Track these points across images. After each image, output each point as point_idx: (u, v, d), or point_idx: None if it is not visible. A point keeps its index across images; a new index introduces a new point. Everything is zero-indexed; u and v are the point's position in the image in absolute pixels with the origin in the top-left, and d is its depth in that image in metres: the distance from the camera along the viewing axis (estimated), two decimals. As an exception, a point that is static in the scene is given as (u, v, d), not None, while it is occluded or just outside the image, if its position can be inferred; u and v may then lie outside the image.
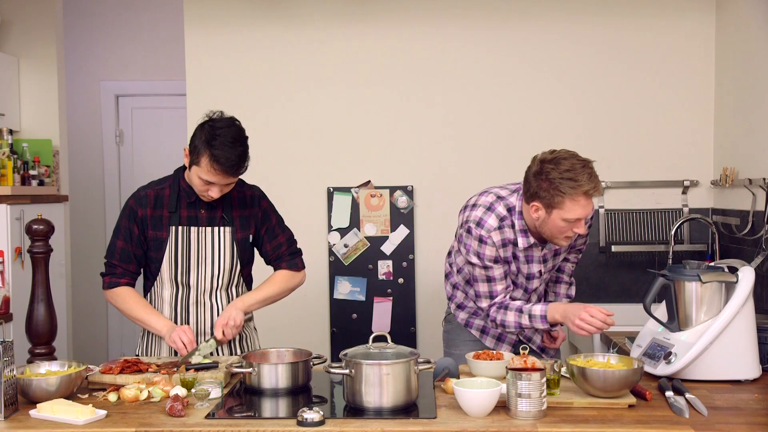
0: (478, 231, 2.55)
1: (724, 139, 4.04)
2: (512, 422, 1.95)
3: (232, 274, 2.71)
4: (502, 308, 2.60)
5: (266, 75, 4.27)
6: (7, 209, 3.98)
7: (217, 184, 2.54)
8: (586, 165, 2.40)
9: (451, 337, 2.87)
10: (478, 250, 2.56)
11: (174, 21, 5.19)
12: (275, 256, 2.78)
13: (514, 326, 2.58)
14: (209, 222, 2.67)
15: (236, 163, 2.50)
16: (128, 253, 2.66)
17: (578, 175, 2.37)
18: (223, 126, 2.53)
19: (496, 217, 2.56)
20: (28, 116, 4.73)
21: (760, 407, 2.09)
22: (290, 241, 2.82)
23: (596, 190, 2.40)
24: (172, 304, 2.69)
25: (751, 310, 2.34)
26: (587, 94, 4.20)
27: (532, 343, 2.81)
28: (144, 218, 2.65)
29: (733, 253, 3.79)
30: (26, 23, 4.70)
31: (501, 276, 2.60)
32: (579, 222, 2.45)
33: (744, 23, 3.79)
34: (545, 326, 2.55)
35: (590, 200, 2.42)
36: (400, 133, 4.25)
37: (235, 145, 2.50)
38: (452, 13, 4.22)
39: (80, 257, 5.53)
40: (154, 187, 2.70)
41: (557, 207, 2.41)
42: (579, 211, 2.41)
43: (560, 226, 2.44)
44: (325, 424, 1.96)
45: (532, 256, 2.62)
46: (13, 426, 2.00)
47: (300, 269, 2.82)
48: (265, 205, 2.78)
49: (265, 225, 2.76)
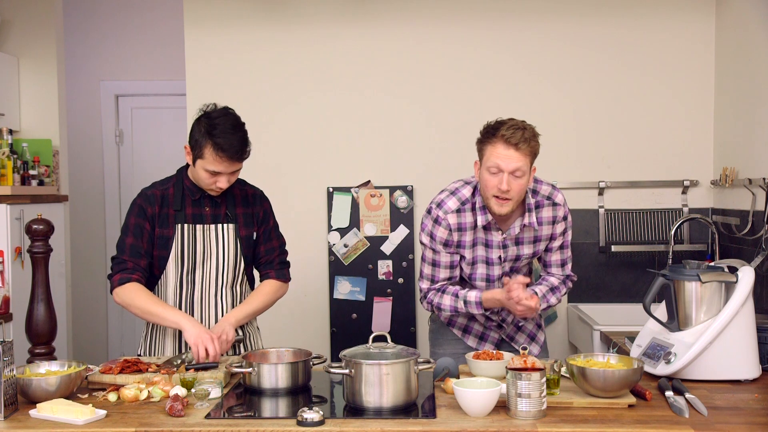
0: (436, 211, 2.61)
1: (723, 139, 4.04)
2: (512, 422, 1.95)
3: (237, 271, 2.71)
4: (439, 292, 2.67)
5: (266, 75, 4.27)
6: (7, 209, 3.98)
7: (223, 174, 2.56)
8: (516, 122, 2.47)
9: (436, 337, 2.88)
10: (432, 230, 2.61)
11: (174, 21, 5.19)
12: (266, 260, 2.78)
13: (450, 309, 2.66)
14: (213, 219, 2.69)
15: (239, 148, 2.54)
16: (139, 248, 2.64)
17: (500, 124, 2.47)
18: (219, 115, 2.57)
19: (458, 200, 2.60)
20: (27, 116, 4.73)
21: (759, 407, 2.09)
22: (282, 249, 2.83)
23: (515, 137, 2.42)
24: (176, 302, 2.69)
25: (750, 310, 2.34)
26: (587, 94, 4.21)
27: (514, 342, 2.81)
28: (153, 216, 2.67)
29: (732, 253, 3.79)
30: (26, 23, 4.70)
31: (447, 264, 2.65)
32: (501, 175, 2.44)
33: (744, 23, 3.79)
34: (480, 311, 2.61)
35: (512, 150, 2.42)
36: (400, 133, 4.25)
37: (236, 131, 2.54)
38: (452, 13, 4.22)
39: (80, 257, 5.53)
40: (158, 187, 2.72)
41: (483, 158, 2.49)
42: (496, 158, 2.43)
43: (485, 179, 2.48)
44: (324, 424, 1.96)
45: (491, 241, 2.63)
46: (13, 426, 2.00)
47: (287, 281, 2.82)
48: (267, 206, 2.81)
49: (263, 226, 2.78)
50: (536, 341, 2.85)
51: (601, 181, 4.18)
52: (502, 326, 2.78)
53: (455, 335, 2.83)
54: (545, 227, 2.65)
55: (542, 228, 2.64)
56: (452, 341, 2.82)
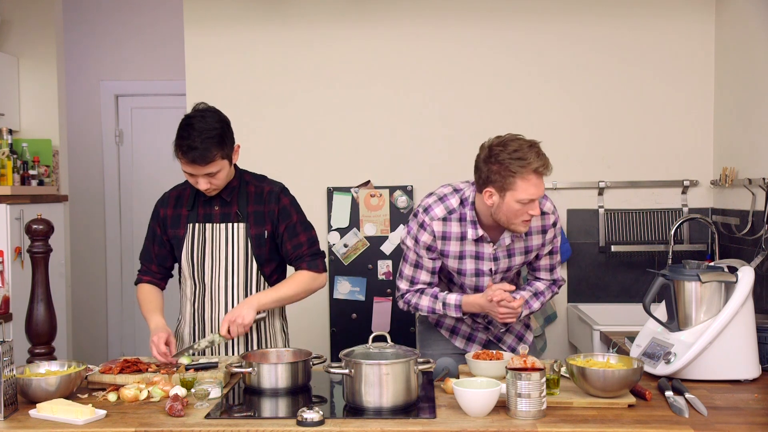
0: (422, 216, 2.60)
1: (723, 139, 4.04)
2: (512, 422, 1.95)
3: (249, 271, 2.69)
4: (418, 293, 2.67)
5: (266, 75, 4.27)
6: (6, 209, 3.98)
7: (198, 176, 2.55)
8: (533, 145, 2.43)
9: (424, 337, 2.87)
10: (417, 234, 2.60)
11: (174, 21, 5.19)
12: (295, 255, 2.71)
13: (427, 310, 2.66)
14: (223, 218, 2.68)
15: (201, 153, 2.48)
16: (150, 252, 2.77)
17: (527, 154, 2.40)
18: (190, 116, 2.56)
19: (445, 209, 2.58)
20: (27, 116, 4.73)
21: (759, 407, 2.09)
22: (311, 241, 2.74)
23: (546, 167, 2.42)
24: (192, 301, 2.73)
25: (750, 310, 2.34)
26: (587, 93, 4.21)
27: (502, 344, 2.81)
28: (165, 218, 2.73)
29: (732, 253, 3.79)
30: (26, 23, 4.70)
31: (429, 269, 2.63)
32: (533, 203, 2.45)
33: (744, 23, 3.79)
34: (458, 314, 2.61)
35: (541, 179, 2.43)
36: (399, 133, 4.25)
37: (202, 134, 2.49)
38: (452, 13, 4.22)
39: (80, 257, 5.53)
40: (178, 188, 2.78)
41: (510, 189, 2.42)
42: (531, 190, 2.42)
43: (515, 209, 2.45)
44: (324, 424, 1.96)
45: (482, 253, 2.61)
46: (13, 426, 2.00)
47: (321, 271, 2.72)
48: (285, 201, 2.72)
49: (285, 222, 2.69)
50: (524, 341, 2.85)
51: (601, 181, 4.18)
52: (489, 328, 2.78)
53: (443, 336, 2.82)
54: (535, 237, 2.64)
55: (532, 238, 2.64)
56: (440, 342, 2.82)
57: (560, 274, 2.78)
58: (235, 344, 2.72)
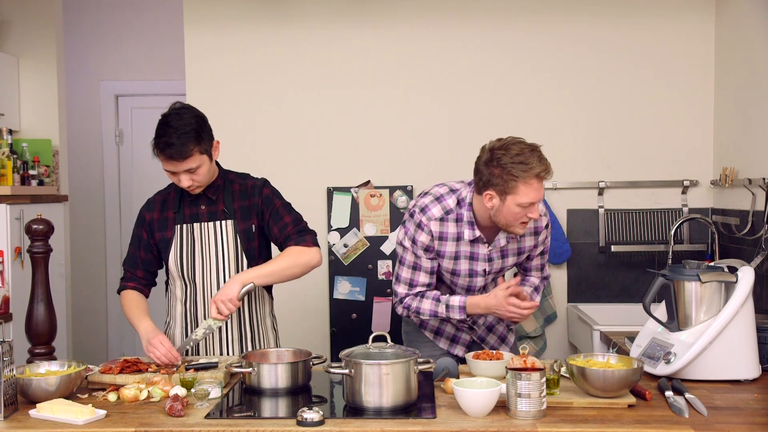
0: (419, 216, 2.57)
1: (723, 139, 4.04)
2: (512, 422, 1.95)
3: (239, 268, 2.68)
4: (418, 296, 2.63)
5: (266, 75, 4.27)
6: (6, 209, 3.98)
7: (179, 173, 2.56)
8: (534, 149, 2.43)
9: (410, 339, 2.87)
10: (414, 235, 2.58)
11: (174, 21, 5.19)
12: (283, 237, 2.68)
13: (429, 314, 2.62)
14: (210, 217, 2.69)
15: (179, 149, 2.50)
16: (136, 258, 2.75)
17: (528, 158, 2.40)
18: (168, 115, 2.57)
19: (442, 209, 2.57)
20: (27, 116, 4.73)
21: (759, 407, 2.09)
22: (297, 220, 2.72)
23: (547, 172, 2.43)
24: (183, 301, 2.72)
25: (750, 310, 2.34)
26: (587, 94, 4.21)
27: (485, 344, 2.81)
28: (151, 222, 2.72)
29: (732, 253, 3.79)
30: (26, 23, 4.70)
31: (427, 270, 2.61)
32: (533, 207, 2.45)
33: (744, 23, 3.79)
34: (462, 316, 2.59)
35: (542, 183, 2.44)
36: (400, 133, 4.25)
37: (179, 131, 2.50)
38: (452, 13, 4.22)
39: (80, 257, 5.53)
40: (162, 193, 2.78)
41: (511, 192, 2.42)
42: (532, 194, 2.42)
43: (515, 212, 2.45)
44: (324, 424, 1.96)
45: (477, 254, 2.61)
46: (13, 426, 2.00)
47: (309, 245, 2.65)
48: (267, 192, 2.73)
49: (269, 210, 2.69)
50: (506, 342, 2.86)
51: (601, 181, 4.18)
52: (473, 328, 2.78)
53: (427, 338, 2.82)
54: (528, 238, 2.65)
55: (525, 239, 2.65)
56: (425, 343, 2.81)
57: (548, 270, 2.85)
58: (230, 342, 2.70)
